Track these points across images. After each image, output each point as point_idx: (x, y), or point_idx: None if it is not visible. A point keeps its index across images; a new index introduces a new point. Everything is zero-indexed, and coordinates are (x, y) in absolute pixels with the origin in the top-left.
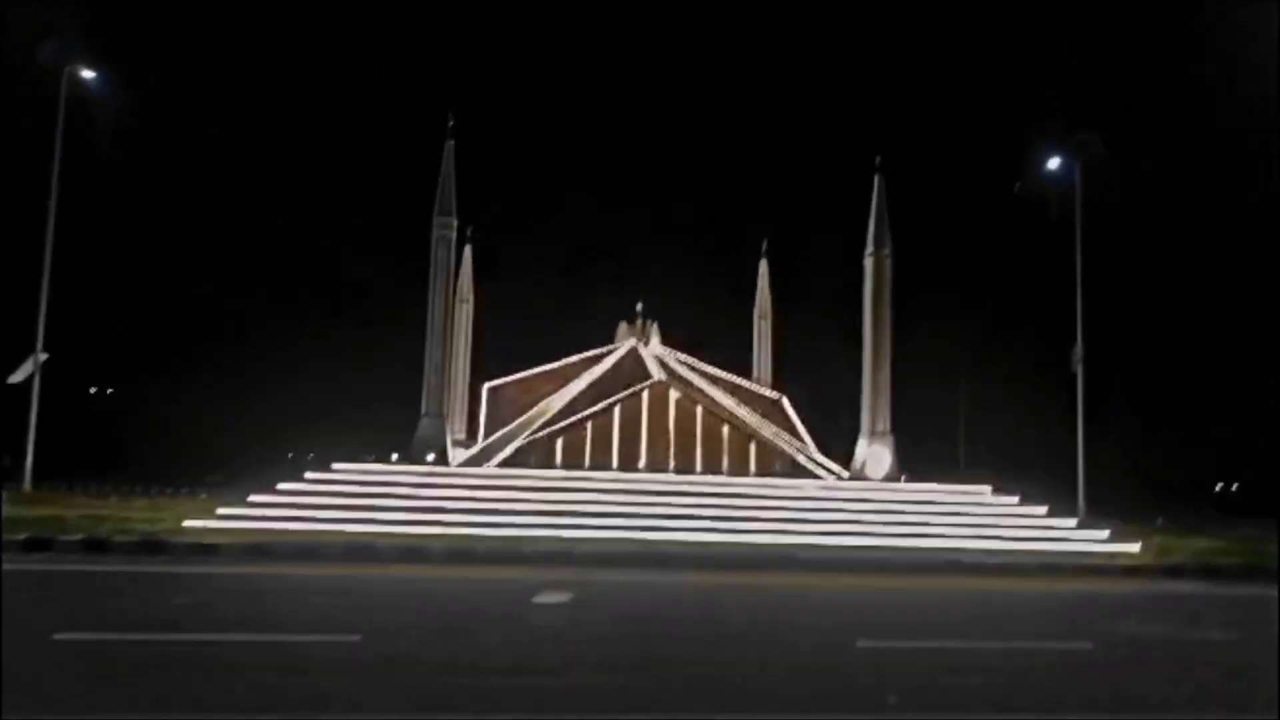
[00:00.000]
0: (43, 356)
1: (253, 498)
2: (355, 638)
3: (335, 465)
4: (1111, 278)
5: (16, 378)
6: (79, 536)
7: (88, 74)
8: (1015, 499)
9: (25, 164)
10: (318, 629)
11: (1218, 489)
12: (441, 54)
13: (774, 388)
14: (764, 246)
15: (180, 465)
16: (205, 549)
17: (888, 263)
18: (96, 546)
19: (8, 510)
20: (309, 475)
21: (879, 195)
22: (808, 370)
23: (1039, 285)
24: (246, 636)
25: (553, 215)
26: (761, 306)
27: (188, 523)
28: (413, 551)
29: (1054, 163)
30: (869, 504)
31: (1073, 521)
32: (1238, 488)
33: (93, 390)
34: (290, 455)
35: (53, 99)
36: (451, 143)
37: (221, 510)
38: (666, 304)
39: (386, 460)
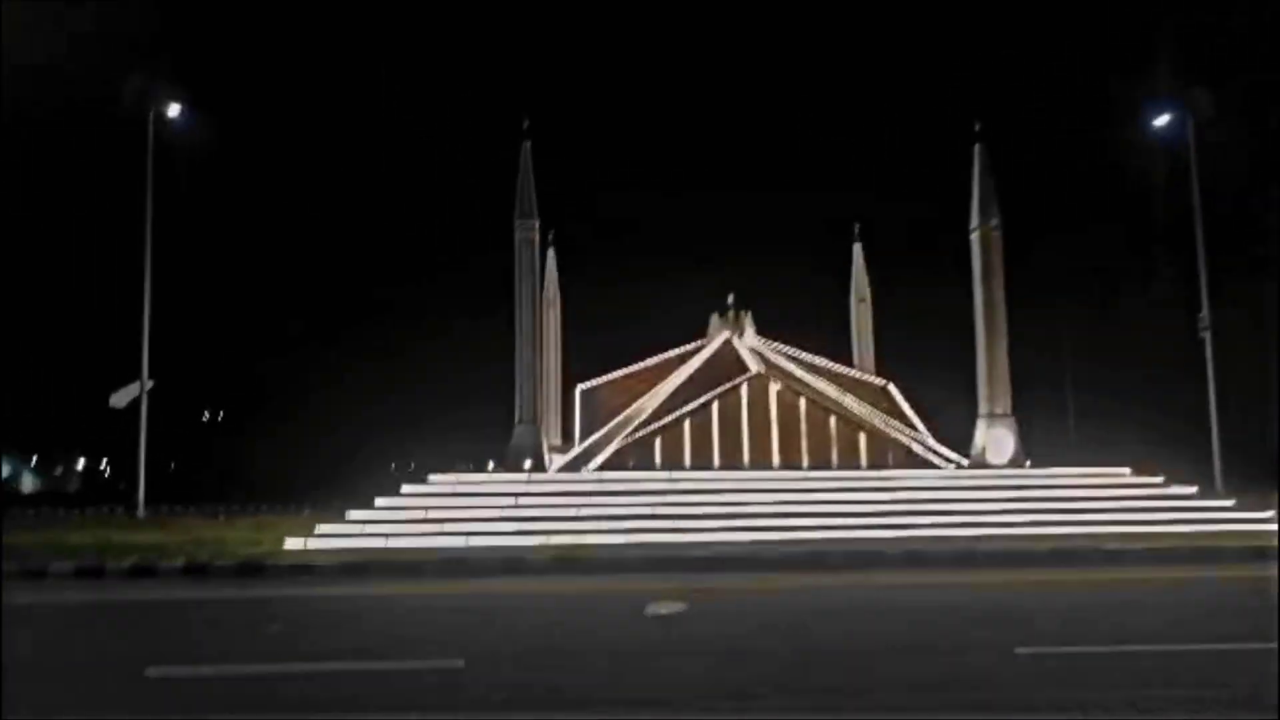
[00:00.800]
0: (149, 383)
1: (351, 514)
2: (459, 663)
3: (432, 477)
4: (1224, 240)
5: (118, 401)
6: (180, 562)
7: (173, 111)
8: (1160, 480)
9: (125, 196)
10: (418, 654)
11: None
12: (513, 53)
13: (877, 374)
14: (856, 229)
15: (288, 483)
16: (304, 570)
17: (996, 235)
18: (197, 571)
19: (116, 536)
20: (406, 489)
21: (981, 165)
22: (912, 354)
23: (1150, 252)
24: (343, 665)
25: (635, 211)
26: (858, 290)
27: (287, 543)
28: (514, 563)
29: (1165, 120)
30: (999, 492)
31: (1229, 502)
32: None
33: (205, 416)
34: (394, 467)
35: (142, 136)
36: (528, 143)
37: (320, 529)
38: (758, 294)
39: (483, 469)
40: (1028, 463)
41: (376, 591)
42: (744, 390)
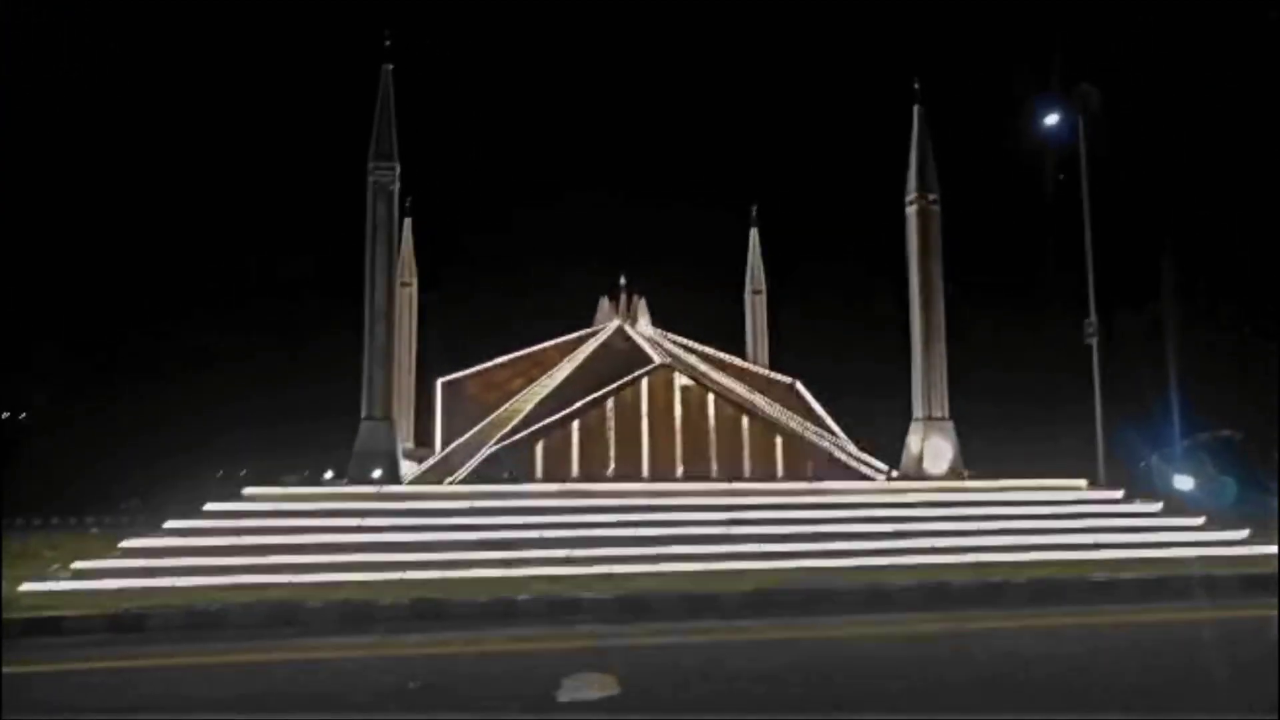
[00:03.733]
0: None
1: (127, 543)
2: None
3: (247, 491)
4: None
5: None
6: None
7: None
8: (1119, 494)
9: None
10: None
11: None
12: None
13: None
14: (753, 211)
15: (103, 491)
16: (43, 628)
17: (936, 210)
18: None
19: None
20: (211, 507)
21: (920, 129)
22: (814, 351)
23: (1038, 253)
24: None
25: (502, 177)
26: (754, 281)
27: (26, 586)
28: (358, 613)
29: (1052, 119)
30: (949, 509)
31: (1198, 520)
32: None
33: (3, 415)
34: (220, 474)
35: None
36: (389, 66)
37: (79, 564)
38: (643, 280)
39: (317, 480)
40: (965, 473)
41: (148, 663)
42: (645, 384)
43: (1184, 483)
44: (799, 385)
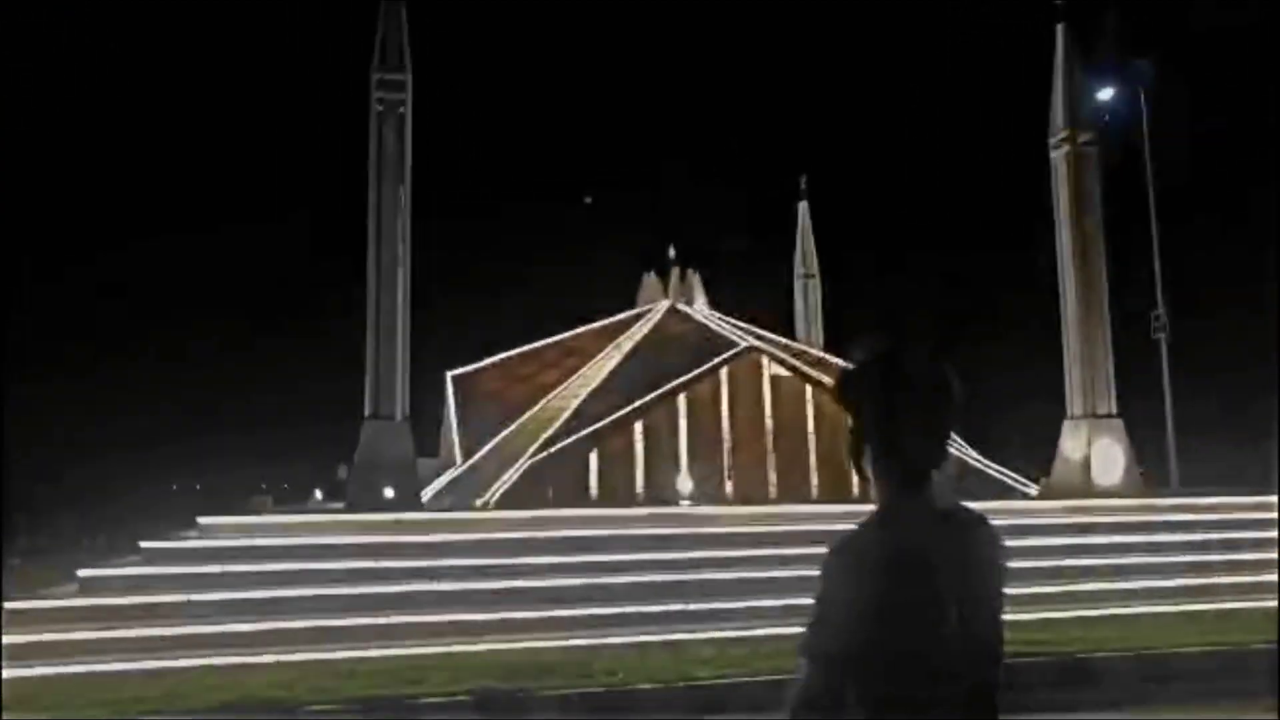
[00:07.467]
0: None
1: (13, 605)
2: None
3: (204, 521)
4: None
5: None
6: None
7: None
8: None
9: None
10: None
11: None
12: None
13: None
14: (802, 183)
15: (32, 511)
16: None
17: (1092, 152)
18: None
19: None
20: (149, 545)
21: (1067, 54)
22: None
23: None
24: None
25: (515, 141)
26: (805, 262)
27: None
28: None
29: (1108, 95)
30: (1164, 535)
31: None
32: None
33: None
34: (175, 488)
35: None
36: None
37: None
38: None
39: (302, 502)
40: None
41: None
42: (724, 375)
43: None
44: None
